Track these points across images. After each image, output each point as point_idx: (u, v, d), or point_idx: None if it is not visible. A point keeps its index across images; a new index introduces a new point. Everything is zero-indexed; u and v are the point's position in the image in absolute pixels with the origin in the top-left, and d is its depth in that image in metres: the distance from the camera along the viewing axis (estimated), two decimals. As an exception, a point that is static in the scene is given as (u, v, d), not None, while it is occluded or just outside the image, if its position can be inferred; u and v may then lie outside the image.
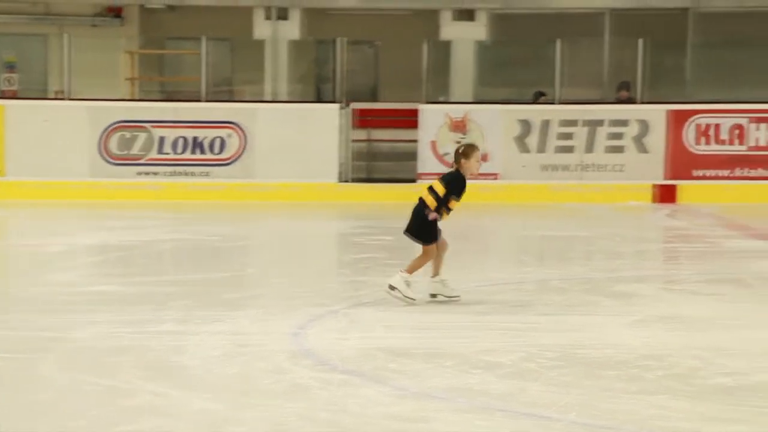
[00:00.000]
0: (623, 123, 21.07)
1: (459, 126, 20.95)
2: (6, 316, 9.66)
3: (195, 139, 20.73)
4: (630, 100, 21.90)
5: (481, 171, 20.51)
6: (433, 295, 10.20)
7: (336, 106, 21.20)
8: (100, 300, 10.32)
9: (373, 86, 24.42)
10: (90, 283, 11.66)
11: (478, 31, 24.22)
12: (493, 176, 20.70)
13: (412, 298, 9.99)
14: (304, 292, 10.87)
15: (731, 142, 20.94)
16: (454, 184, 10.23)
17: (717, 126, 21.06)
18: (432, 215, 10.14)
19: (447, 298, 10.18)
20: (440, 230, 10.29)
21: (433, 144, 20.89)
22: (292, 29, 24.39)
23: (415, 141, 20.87)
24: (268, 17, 24.27)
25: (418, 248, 10.36)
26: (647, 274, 12.42)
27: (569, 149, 20.87)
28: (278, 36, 24.21)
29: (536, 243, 15.77)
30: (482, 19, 24.30)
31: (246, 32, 24.32)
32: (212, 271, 12.39)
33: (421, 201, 10.27)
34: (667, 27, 23.78)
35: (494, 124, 21.02)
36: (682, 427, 6.40)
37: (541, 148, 20.88)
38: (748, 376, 7.53)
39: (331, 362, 7.89)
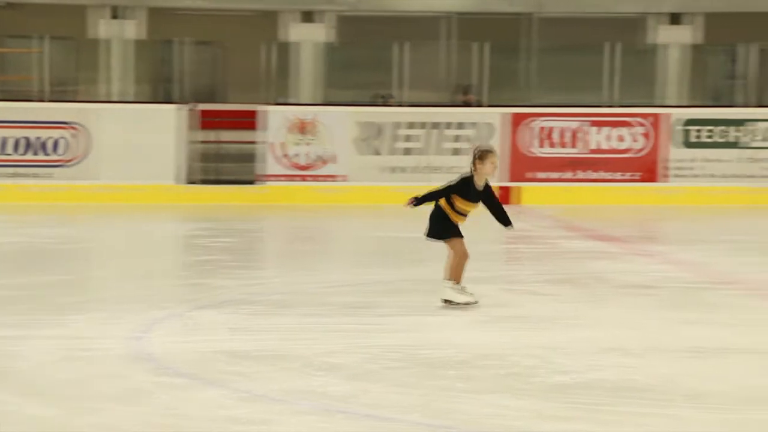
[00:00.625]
0: (464, 126, 21.25)
1: (302, 128, 20.91)
2: None
3: (38, 139, 20.36)
4: (470, 103, 22.13)
5: (326, 173, 20.91)
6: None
7: (174, 107, 21.01)
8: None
9: (216, 87, 24.25)
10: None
11: (321, 32, 24.21)
12: (336, 178, 20.74)
13: (472, 302, 9.96)
14: (145, 295, 10.75)
15: (571, 145, 21.26)
16: (455, 184, 10.25)
17: (557, 129, 21.38)
18: (410, 203, 10.24)
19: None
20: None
21: (276, 145, 20.82)
22: (135, 29, 24.11)
23: (257, 142, 20.78)
24: (113, 16, 23.95)
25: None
26: (488, 275, 12.48)
27: (411, 151, 20.99)
28: (122, 36, 23.91)
29: (377, 244, 15.79)
30: (326, 20, 24.30)
31: (89, 31, 23.97)
32: (52, 274, 12.18)
33: (437, 205, 10.30)
34: (508, 31, 24.05)
35: (340, 126, 21.03)
36: (519, 425, 6.48)
37: (384, 150, 20.96)
38: (583, 374, 7.64)
39: (171, 366, 7.81)
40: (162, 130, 20.58)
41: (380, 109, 21.84)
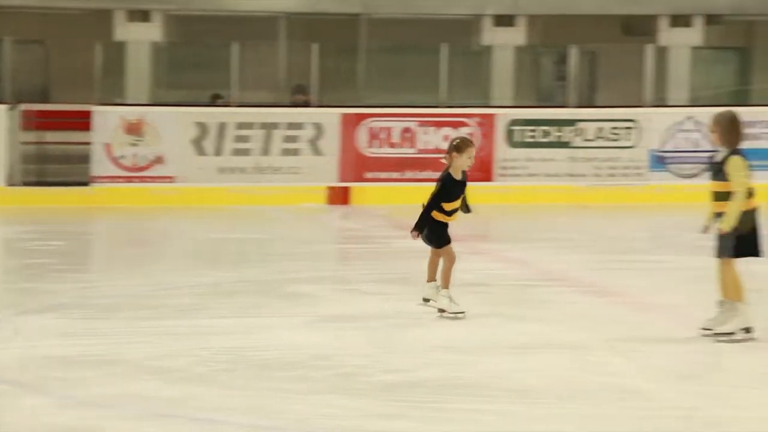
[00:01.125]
0: (298, 126, 21.24)
1: (134, 128, 20.68)
2: None
3: None
4: (305, 104, 22.11)
5: (156, 174, 20.70)
6: (426, 300, 9.91)
7: (3, 107, 20.59)
8: None
9: (44, 87, 23.79)
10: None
11: (153, 32, 23.93)
12: (169, 179, 20.54)
13: (460, 312, 9.60)
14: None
15: (401, 145, 21.39)
16: (438, 192, 10.06)
17: (388, 129, 21.50)
18: (415, 235, 9.99)
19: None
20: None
21: (108, 146, 20.54)
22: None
23: (88, 143, 20.47)
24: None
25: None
26: (320, 275, 12.53)
27: (246, 152, 20.90)
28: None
29: (211, 246, 15.68)
30: (158, 20, 24.02)
31: None
32: None
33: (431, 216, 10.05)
34: (340, 32, 24.08)
35: (170, 127, 20.83)
36: (345, 424, 6.52)
37: (218, 151, 20.82)
38: (410, 373, 7.71)
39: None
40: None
41: (212, 110, 21.68)
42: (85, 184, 20.18)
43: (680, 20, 24.20)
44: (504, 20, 24.03)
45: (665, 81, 24.01)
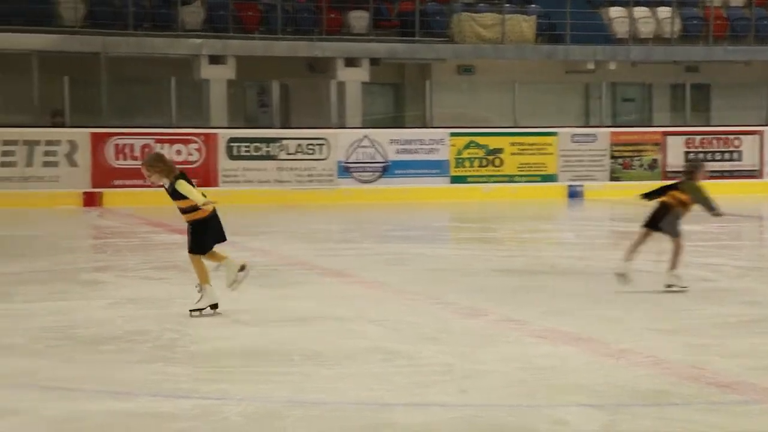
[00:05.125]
0: (57, 143, 20.41)
1: None
2: None
3: None
4: (62, 125, 21.29)
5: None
6: (669, 286, 9.38)
7: None
8: None
9: None
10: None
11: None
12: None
13: (685, 287, 9.34)
14: None
15: (142, 158, 20.82)
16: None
17: (131, 145, 20.92)
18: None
19: (681, 288, 9.38)
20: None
21: None
22: None
23: None
24: None
25: None
26: (102, 264, 12.00)
27: (13, 164, 19.95)
28: None
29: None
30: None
31: None
32: None
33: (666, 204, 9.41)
34: (85, 67, 23.19)
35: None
36: (181, 387, 6.18)
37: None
38: (215, 343, 7.42)
39: None
40: None
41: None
42: None
43: (352, 62, 24.59)
44: (214, 59, 23.79)
45: (344, 108, 24.34)
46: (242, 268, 8.51)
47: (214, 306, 8.36)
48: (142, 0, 24.14)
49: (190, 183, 8.41)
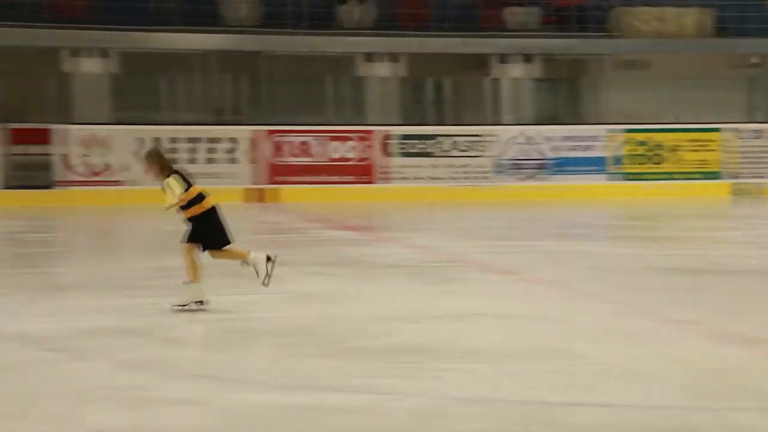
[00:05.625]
0: (218, 140, 20.96)
1: (94, 142, 20.13)
2: None
3: None
4: (223, 123, 21.91)
5: (120, 179, 20.12)
6: None
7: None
8: None
9: (21, 110, 23.00)
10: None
11: (101, 65, 23.28)
12: (125, 183, 20.10)
13: None
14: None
15: (301, 155, 21.20)
16: None
17: (289, 142, 21.31)
18: None
19: None
20: None
21: (70, 157, 19.96)
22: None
23: (49, 155, 19.85)
24: None
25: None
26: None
27: (183, 161, 20.53)
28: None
29: (168, 237, 15.03)
30: (98, 55, 23.38)
31: None
32: None
33: None
34: (252, 66, 23.77)
35: (122, 141, 20.37)
36: (350, 382, 6.28)
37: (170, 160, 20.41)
38: (385, 338, 7.50)
39: (40, 342, 7.26)
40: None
41: (150, 127, 21.23)
42: (49, 187, 19.56)
43: (511, 58, 24.48)
44: (378, 57, 24.05)
45: (515, 105, 24.28)
46: (268, 259, 8.57)
47: (200, 302, 8.35)
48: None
49: (187, 182, 8.43)
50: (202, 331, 7.69)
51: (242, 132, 21.18)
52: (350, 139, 21.36)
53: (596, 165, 22.09)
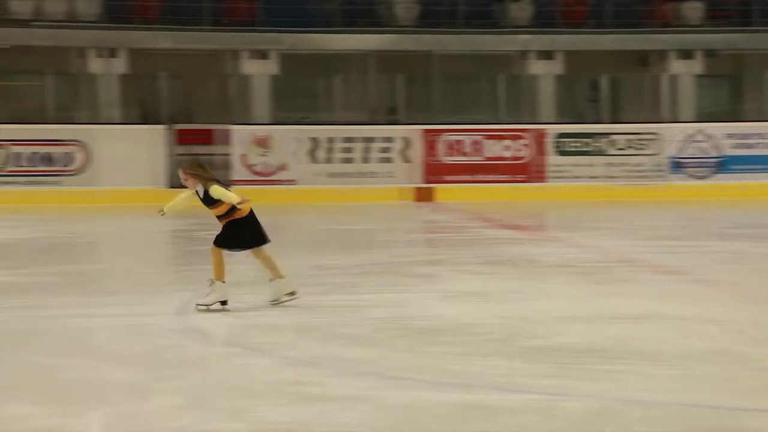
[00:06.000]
0: (390, 139, 21.08)
1: (262, 142, 20.54)
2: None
3: (47, 154, 19.76)
4: (395, 122, 22.01)
5: (280, 178, 20.55)
6: None
7: (161, 127, 20.58)
8: (1, 289, 9.58)
9: (191, 111, 23.75)
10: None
11: (270, 67, 23.80)
12: (290, 182, 20.43)
13: None
14: (170, 279, 10.36)
15: (471, 154, 21.16)
16: None
17: (461, 141, 21.29)
18: None
19: None
20: None
21: (241, 157, 20.45)
22: (120, 65, 23.46)
23: (228, 154, 20.39)
24: (99, 55, 23.28)
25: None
26: (436, 258, 12.30)
27: (349, 160, 20.78)
28: (110, 71, 23.28)
29: (332, 235, 15.44)
30: (273, 57, 23.90)
31: (83, 68, 23.28)
32: (80, 264, 11.72)
33: None
34: (417, 65, 23.90)
35: (289, 141, 20.72)
36: (520, 381, 6.23)
37: (327, 160, 20.70)
38: (551, 339, 7.42)
39: (217, 337, 7.47)
40: (152, 145, 20.12)
41: (323, 127, 21.56)
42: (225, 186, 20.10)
43: (685, 54, 23.89)
44: (545, 55, 23.84)
45: (676, 102, 23.71)
46: (292, 293, 8.57)
47: (224, 303, 8.35)
48: (472, -2, 24.58)
49: (226, 188, 8.49)
50: (369, 329, 7.76)
51: (414, 131, 21.28)
52: (506, 137, 21.24)
53: (763, 163, 21.37)
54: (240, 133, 20.59)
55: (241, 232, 8.40)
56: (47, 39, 22.77)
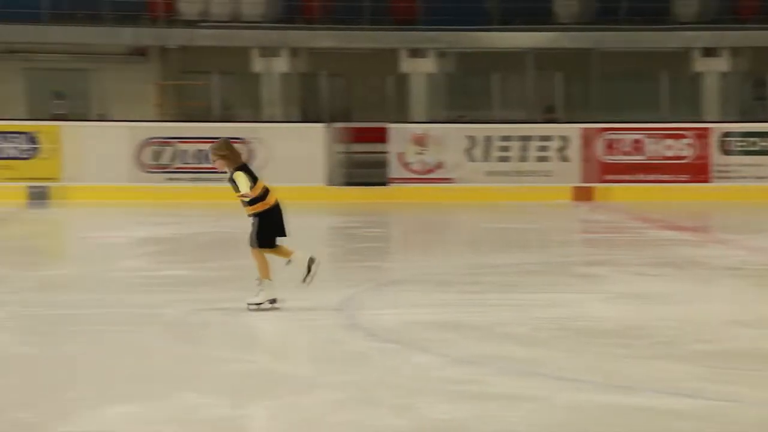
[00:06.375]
0: (548, 138, 20.87)
1: (421, 140, 20.61)
2: (98, 296, 9.18)
3: (215, 151, 20.27)
4: (553, 120, 21.77)
5: (440, 176, 20.60)
6: None
7: (321, 125, 20.85)
8: (173, 282, 9.87)
9: (352, 109, 24.03)
10: (157, 268, 11.17)
11: (430, 65, 23.85)
12: (450, 180, 20.45)
13: None
14: (331, 276, 10.46)
15: (633, 153, 20.78)
16: None
17: (622, 140, 20.93)
18: None
19: None
20: None
21: (400, 155, 20.56)
22: (282, 64, 23.87)
23: (385, 152, 20.52)
24: (262, 55, 23.75)
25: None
26: (595, 258, 12.10)
27: (508, 158, 20.67)
28: (272, 70, 23.73)
29: (490, 234, 15.35)
30: (432, 56, 23.94)
31: (244, 67, 23.79)
32: (247, 258, 11.93)
33: None
34: (577, 63, 23.60)
35: (449, 139, 20.74)
36: (686, 386, 6.08)
37: (486, 158, 20.64)
38: (720, 343, 7.24)
39: (378, 334, 7.52)
40: (313, 143, 20.41)
41: (481, 125, 21.48)
42: (385, 184, 20.23)
43: None
44: (711, 52, 23.24)
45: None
46: (311, 260, 8.35)
47: (273, 301, 8.23)
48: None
49: (252, 176, 8.24)
50: (529, 329, 7.70)
51: (573, 130, 21.01)
52: (685, 136, 20.72)
53: None
54: (398, 131, 20.68)
55: (267, 228, 8.34)
56: (213, 39, 23.36)
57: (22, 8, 22.78)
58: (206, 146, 20.24)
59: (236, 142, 19.92)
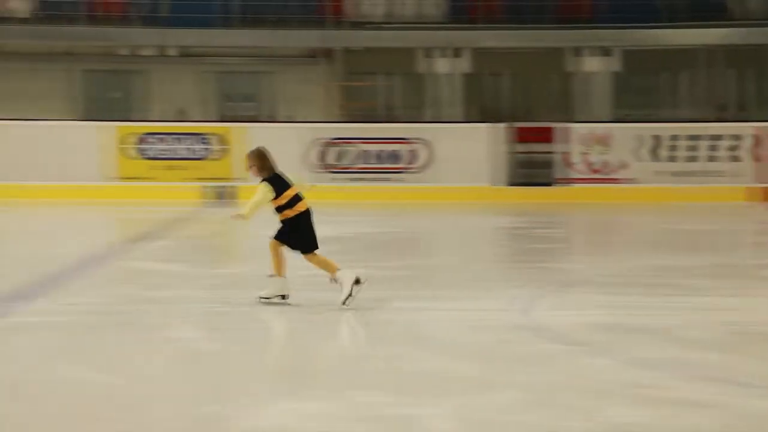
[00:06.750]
0: (738, 137, 20.18)
1: (599, 140, 20.30)
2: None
3: (393, 151, 20.46)
4: (743, 119, 21.10)
5: (618, 176, 20.23)
6: None
7: (501, 125, 20.77)
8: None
9: (529, 109, 23.90)
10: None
11: (610, 64, 23.48)
12: (629, 180, 20.09)
13: None
14: (504, 276, 10.42)
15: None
16: None
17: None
18: None
19: None
20: None
21: (575, 155, 20.29)
22: (464, 64, 23.90)
23: (552, 152, 20.25)
24: (444, 55, 23.86)
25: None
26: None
27: (693, 159, 20.14)
28: (454, 70, 23.81)
29: (671, 235, 14.92)
30: (614, 54, 23.57)
31: (419, 67, 23.93)
32: (420, 258, 12.02)
33: None
34: (756, 60, 22.84)
35: (627, 139, 20.36)
36: None
37: (666, 158, 20.17)
38: None
39: (561, 335, 7.43)
40: (489, 143, 20.36)
41: (664, 124, 20.99)
42: (551, 184, 20.03)
43: None
44: None
45: None
46: (357, 281, 8.10)
47: (284, 296, 8.24)
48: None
49: (283, 185, 8.22)
50: (714, 333, 7.50)
51: (747, 129, 20.31)
52: None
53: None
54: (579, 130, 20.41)
55: (291, 233, 8.34)
56: (395, 40, 23.58)
57: (196, 13, 23.50)
58: (387, 147, 20.71)
59: (417, 143, 20.14)
